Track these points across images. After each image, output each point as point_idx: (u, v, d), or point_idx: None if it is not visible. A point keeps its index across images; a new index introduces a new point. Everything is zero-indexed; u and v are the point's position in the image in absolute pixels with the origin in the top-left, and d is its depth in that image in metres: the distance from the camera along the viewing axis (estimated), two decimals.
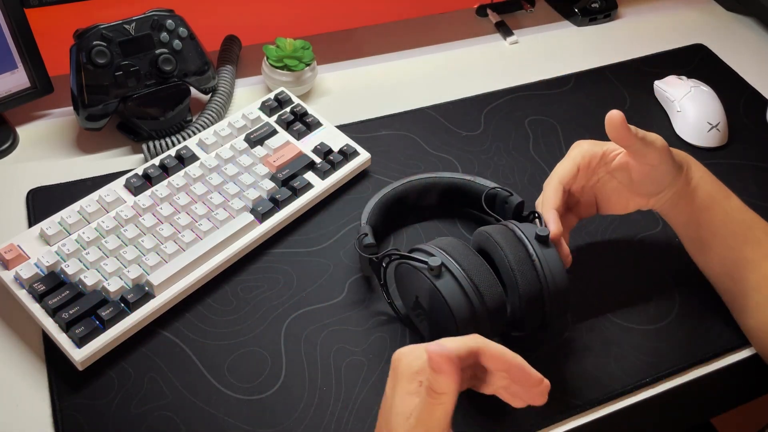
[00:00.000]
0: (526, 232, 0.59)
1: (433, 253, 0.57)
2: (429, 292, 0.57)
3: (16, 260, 0.64)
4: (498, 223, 0.62)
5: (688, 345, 0.66)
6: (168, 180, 0.72)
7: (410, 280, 0.60)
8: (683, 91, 0.88)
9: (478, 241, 0.62)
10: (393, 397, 0.45)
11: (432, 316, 0.58)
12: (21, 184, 0.75)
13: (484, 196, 0.68)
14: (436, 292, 0.56)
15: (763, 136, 0.88)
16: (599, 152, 0.64)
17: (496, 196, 0.70)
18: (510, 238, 0.59)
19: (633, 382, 0.63)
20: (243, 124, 0.78)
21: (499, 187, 0.69)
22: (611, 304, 0.68)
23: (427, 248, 0.59)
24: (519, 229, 0.60)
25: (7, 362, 0.62)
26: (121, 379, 0.61)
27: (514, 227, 0.60)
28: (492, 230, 0.60)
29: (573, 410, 0.61)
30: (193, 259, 0.65)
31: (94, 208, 0.68)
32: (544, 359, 0.64)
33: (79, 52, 0.74)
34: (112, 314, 0.61)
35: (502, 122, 0.86)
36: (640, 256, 0.73)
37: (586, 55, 0.99)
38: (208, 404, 0.59)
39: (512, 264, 0.58)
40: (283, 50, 0.86)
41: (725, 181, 0.81)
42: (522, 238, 0.59)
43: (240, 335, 0.64)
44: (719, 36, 1.04)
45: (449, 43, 1.00)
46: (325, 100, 0.89)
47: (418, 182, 0.72)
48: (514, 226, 0.60)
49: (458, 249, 0.58)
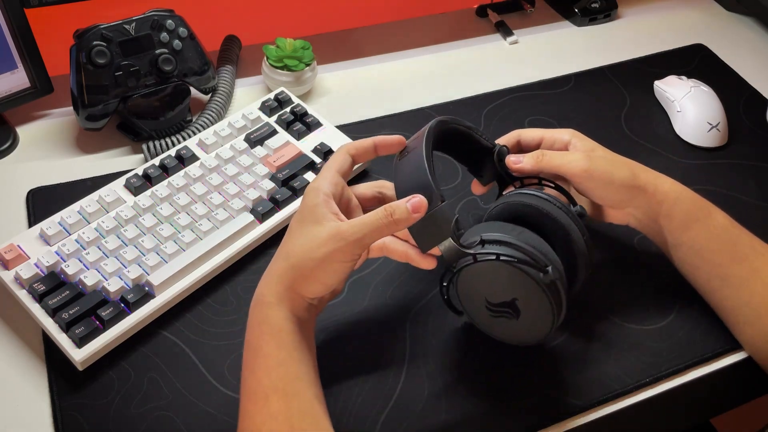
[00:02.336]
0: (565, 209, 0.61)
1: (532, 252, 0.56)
2: (536, 295, 0.56)
3: (16, 260, 0.64)
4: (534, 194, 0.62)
5: (688, 345, 0.66)
6: (168, 180, 0.72)
7: (499, 278, 0.58)
8: (683, 91, 0.88)
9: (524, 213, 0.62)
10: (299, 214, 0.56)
11: (526, 315, 0.58)
12: (21, 184, 0.75)
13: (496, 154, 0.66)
14: (545, 296, 0.56)
15: (763, 136, 0.88)
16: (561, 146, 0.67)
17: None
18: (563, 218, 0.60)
19: (633, 382, 0.63)
20: (243, 124, 0.78)
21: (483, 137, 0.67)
22: (611, 304, 0.68)
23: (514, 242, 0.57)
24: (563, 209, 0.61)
25: (7, 362, 0.62)
26: (121, 379, 0.61)
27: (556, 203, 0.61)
28: (544, 205, 0.61)
29: (573, 410, 0.61)
30: (193, 259, 0.65)
31: (94, 208, 0.68)
32: (544, 359, 0.64)
33: (79, 52, 0.74)
34: (112, 314, 0.61)
35: (502, 122, 0.86)
36: (640, 256, 0.73)
37: (586, 55, 0.99)
38: (208, 404, 0.59)
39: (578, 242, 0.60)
40: (283, 50, 0.86)
41: (725, 181, 0.81)
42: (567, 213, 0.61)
43: (240, 335, 0.64)
44: (719, 36, 1.04)
45: (449, 43, 1.00)
46: (325, 100, 0.89)
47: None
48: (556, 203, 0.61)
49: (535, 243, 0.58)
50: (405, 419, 0.59)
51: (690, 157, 0.84)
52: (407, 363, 0.63)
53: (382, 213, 0.53)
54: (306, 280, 0.54)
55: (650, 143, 0.85)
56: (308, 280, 0.54)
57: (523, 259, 0.55)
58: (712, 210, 0.65)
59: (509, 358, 0.63)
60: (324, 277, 0.54)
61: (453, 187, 0.78)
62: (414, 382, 0.61)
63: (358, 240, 0.53)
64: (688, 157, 0.84)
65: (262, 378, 0.52)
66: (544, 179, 0.66)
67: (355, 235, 0.52)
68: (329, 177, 0.56)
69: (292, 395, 0.51)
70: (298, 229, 0.55)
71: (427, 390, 0.61)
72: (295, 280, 0.54)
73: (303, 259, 0.53)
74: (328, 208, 0.54)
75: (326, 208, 0.54)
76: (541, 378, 0.62)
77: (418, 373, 0.62)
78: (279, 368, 0.52)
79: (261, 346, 0.53)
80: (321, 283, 0.54)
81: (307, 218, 0.55)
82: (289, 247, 0.55)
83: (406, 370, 0.62)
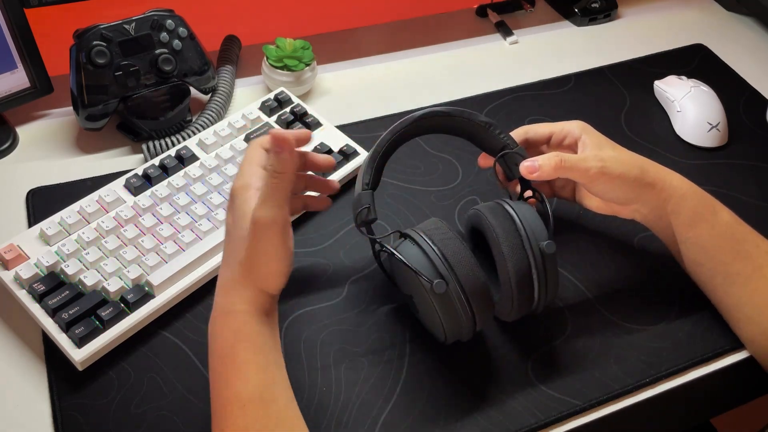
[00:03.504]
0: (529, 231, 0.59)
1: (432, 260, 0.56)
2: (424, 298, 0.58)
3: (16, 260, 0.64)
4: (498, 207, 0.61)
5: (688, 345, 0.66)
6: (168, 180, 0.72)
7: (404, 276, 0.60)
8: (683, 91, 0.88)
9: (474, 223, 0.63)
10: (239, 178, 0.56)
11: (424, 311, 0.60)
12: (21, 184, 0.75)
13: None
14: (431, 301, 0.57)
15: (763, 136, 0.88)
16: (572, 141, 0.67)
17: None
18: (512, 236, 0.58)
19: (633, 382, 0.63)
20: (243, 124, 0.78)
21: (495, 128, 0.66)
22: (611, 304, 0.68)
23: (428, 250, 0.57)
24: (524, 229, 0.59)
25: (7, 362, 0.62)
26: (121, 379, 0.61)
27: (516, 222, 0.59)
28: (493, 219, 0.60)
29: (573, 410, 0.61)
30: (193, 259, 0.65)
31: (93, 208, 0.68)
32: (544, 359, 0.64)
33: (79, 52, 0.74)
34: (112, 314, 0.61)
35: (503, 122, 0.86)
36: (640, 256, 0.73)
37: (586, 55, 0.99)
38: (208, 404, 0.59)
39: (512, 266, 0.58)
40: (283, 50, 0.86)
41: (725, 181, 0.81)
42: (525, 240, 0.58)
43: None
44: (719, 36, 1.04)
45: (449, 43, 1.00)
46: (325, 100, 0.89)
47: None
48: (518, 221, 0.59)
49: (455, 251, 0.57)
50: (405, 419, 0.59)
51: (690, 157, 0.84)
52: (407, 363, 0.63)
53: (268, 175, 0.53)
54: (267, 277, 0.54)
55: (650, 143, 0.85)
56: (268, 275, 0.54)
57: (410, 266, 0.56)
58: (718, 207, 0.65)
59: (509, 358, 0.63)
60: (280, 267, 0.54)
61: (453, 187, 0.78)
62: (414, 382, 0.61)
63: (270, 215, 0.52)
64: (688, 157, 0.84)
65: (239, 387, 0.51)
66: (545, 200, 0.63)
67: (266, 213, 0.52)
68: (254, 170, 0.56)
69: (269, 401, 0.51)
70: (233, 230, 0.55)
71: (427, 390, 0.61)
72: (256, 281, 0.54)
73: (254, 258, 0.53)
74: (251, 203, 0.54)
75: (248, 205, 0.54)
76: (541, 378, 0.62)
77: (418, 372, 0.62)
78: (258, 375, 0.51)
79: (236, 354, 0.52)
80: (280, 273, 0.54)
81: (237, 215, 0.55)
82: (238, 253, 0.54)
83: (406, 369, 0.62)
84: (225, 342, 0.53)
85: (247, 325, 0.53)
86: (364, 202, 0.60)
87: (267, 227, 0.52)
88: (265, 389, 0.51)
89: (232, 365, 0.52)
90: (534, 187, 0.64)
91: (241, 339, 0.53)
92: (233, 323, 0.53)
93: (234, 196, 0.56)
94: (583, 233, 0.74)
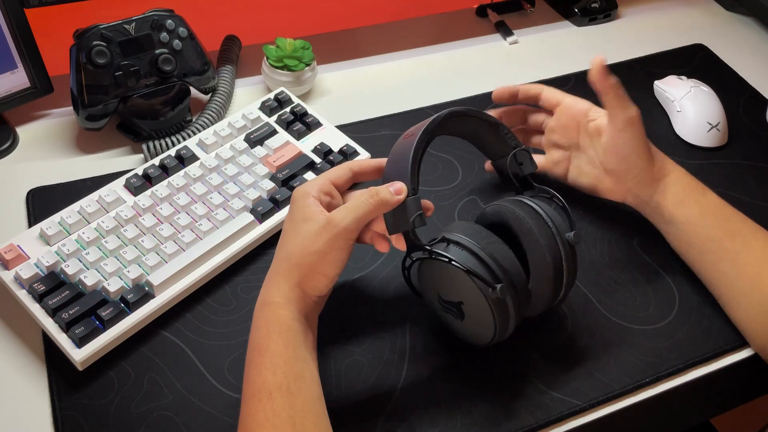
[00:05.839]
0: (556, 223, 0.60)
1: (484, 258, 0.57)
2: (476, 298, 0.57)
3: (16, 260, 0.64)
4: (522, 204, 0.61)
5: (688, 345, 0.66)
6: (168, 180, 0.72)
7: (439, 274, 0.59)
8: (683, 91, 0.88)
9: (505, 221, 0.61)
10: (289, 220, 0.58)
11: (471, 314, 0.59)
12: (21, 184, 0.75)
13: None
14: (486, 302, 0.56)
15: (763, 136, 0.88)
16: (586, 107, 0.71)
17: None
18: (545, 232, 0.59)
19: (633, 382, 0.63)
20: (243, 124, 0.78)
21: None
22: (611, 304, 0.68)
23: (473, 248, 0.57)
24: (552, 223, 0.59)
25: (7, 362, 0.62)
26: (121, 379, 0.61)
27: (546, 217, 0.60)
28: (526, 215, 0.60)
29: (573, 410, 0.61)
30: (193, 259, 0.65)
31: (94, 208, 0.68)
32: (544, 359, 0.64)
33: (79, 52, 0.74)
34: (112, 314, 0.61)
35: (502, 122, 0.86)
36: (640, 256, 0.73)
37: (586, 55, 0.98)
38: (208, 404, 0.59)
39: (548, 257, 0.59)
40: (283, 50, 0.86)
41: (725, 181, 0.81)
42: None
43: (240, 335, 0.64)
44: (719, 36, 1.04)
45: (449, 43, 1.00)
46: (325, 100, 0.89)
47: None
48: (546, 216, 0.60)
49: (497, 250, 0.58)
50: (405, 419, 0.59)
51: (690, 157, 0.84)
52: (407, 363, 0.63)
53: (367, 194, 0.56)
54: (310, 276, 0.55)
55: None
56: (312, 275, 0.55)
57: (473, 271, 0.55)
58: (706, 189, 0.68)
59: (509, 358, 0.63)
60: (326, 269, 0.55)
61: (453, 187, 0.78)
62: (414, 382, 0.61)
63: (350, 224, 0.55)
64: (688, 157, 0.84)
65: (268, 376, 0.52)
66: (555, 195, 0.64)
67: (346, 220, 0.55)
68: (318, 182, 0.59)
69: (296, 393, 0.52)
70: (291, 230, 0.57)
71: (427, 390, 0.61)
72: (300, 278, 0.55)
73: (303, 255, 0.55)
74: (316, 207, 0.56)
75: (315, 207, 0.56)
76: (541, 378, 0.62)
77: (418, 373, 0.62)
78: (285, 366, 0.52)
79: (268, 344, 0.53)
80: (324, 276, 0.56)
81: (297, 218, 0.57)
82: (287, 248, 0.57)
83: (406, 370, 0.62)
84: (259, 331, 0.55)
85: (279, 318, 0.55)
86: (416, 209, 0.56)
87: (339, 231, 0.55)
88: (293, 382, 0.52)
89: (263, 354, 0.53)
90: (543, 186, 0.65)
91: (273, 330, 0.54)
92: (267, 314, 0.55)
93: (293, 200, 0.58)
94: (583, 234, 0.74)
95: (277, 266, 0.57)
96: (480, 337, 0.59)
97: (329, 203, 0.59)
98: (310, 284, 0.56)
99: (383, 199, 0.56)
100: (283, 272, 0.56)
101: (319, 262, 0.55)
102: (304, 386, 0.52)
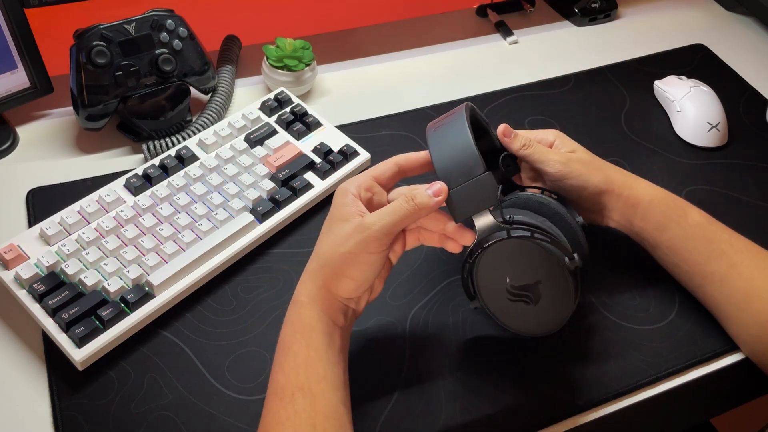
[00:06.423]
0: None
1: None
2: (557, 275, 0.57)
3: (16, 260, 0.64)
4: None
5: (688, 345, 0.66)
6: (168, 180, 0.72)
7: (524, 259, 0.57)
8: (683, 91, 0.88)
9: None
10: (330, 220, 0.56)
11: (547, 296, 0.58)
12: (21, 184, 0.75)
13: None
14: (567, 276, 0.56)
15: (763, 136, 0.88)
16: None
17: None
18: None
19: (633, 382, 0.63)
20: (243, 124, 0.78)
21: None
22: (611, 304, 0.68)
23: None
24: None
25: (7, 362, 0.62)
26: (121, 379, 0.61)
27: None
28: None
29: (573, 410, 0.61)
30: (193, 259, 0.65)
31: (94, 208, 0.68)
32: (544, 359, 0.64)
33: (79, 52, 0.74)
34: (112, 314, 0.61)
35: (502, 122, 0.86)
36: (640, 256, 0.72)
37: (586, 55, 0.99)
38: (208, 404, 0.59)
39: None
40: (283, 50, 0.86)
41: (725, 181, 0.81)
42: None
43: (240, 335, 0.64)
44: (719, 36, 1.04)
45: (449, 43, 1.00)
46: (325, 100, 0.89)
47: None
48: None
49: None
50: (405, 419, 0.59)
51: (690, 157, 0.84)
52: (407, 363, 0.63)
53: (403, 199, 0.54)
54: (336, 277, 0.54)
55: (650, 143, 0.85)
56: (338, 276, 0.54)
57: (556, 241, 0.55)
58: (688, 209, 0.65)
59: (509, 358, 0.63)
60: (353, 272, 0.54)
61: None
62: (414, 382, 0.61)
63: (382, 228, 0.53)
64: (688, 157, 0.84)
65: (291, 375, 0.52)
66: (546, 189, 0.65)
67: (378, 224, 0.53)
68: (360, 179, 0.57)
69: (318, 395, 0.51)
70: (327, 228, 0.56)
71: (427, 390, 0.61)
72: (327, 278, 0.54)
73: (331, 255, 0.54)
74: (354, 206, 0.55)
75: (353, 207, 0.55)
76: (541, 378, 0.62)
77: (418, 373, 0.62)
78: (307, 367, 0.52)
79: (292, 343, 0.53)
80: (351, 279, 0.54)
81: (335, 217, 0.55)
82: (320, 247, 0.56)
83: (406, 370, 0.62)
84: (285, 329, 0.54)
85: (303, 318, 0.54)
86: (492, 186, 0.54)
87: (369, 235, 0.53)
88: (315, 383, 0.51)
89: (286, 352, 0.53)
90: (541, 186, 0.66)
91: (298, 330, 0.53)
92: (294, 313, 0.55)
93: (334, 197, 0.57)
94: None
95: (309, 264, 0.56)
96: (552, 320, 0.59)
97: (370, 200, 0.57)
98: (337, 286, 0.54)
99: (420, 204, 0.54)
100: (311, 271, 0.55)
101: (347, 264, 0.53)
102: (326, 389, 0.51)
